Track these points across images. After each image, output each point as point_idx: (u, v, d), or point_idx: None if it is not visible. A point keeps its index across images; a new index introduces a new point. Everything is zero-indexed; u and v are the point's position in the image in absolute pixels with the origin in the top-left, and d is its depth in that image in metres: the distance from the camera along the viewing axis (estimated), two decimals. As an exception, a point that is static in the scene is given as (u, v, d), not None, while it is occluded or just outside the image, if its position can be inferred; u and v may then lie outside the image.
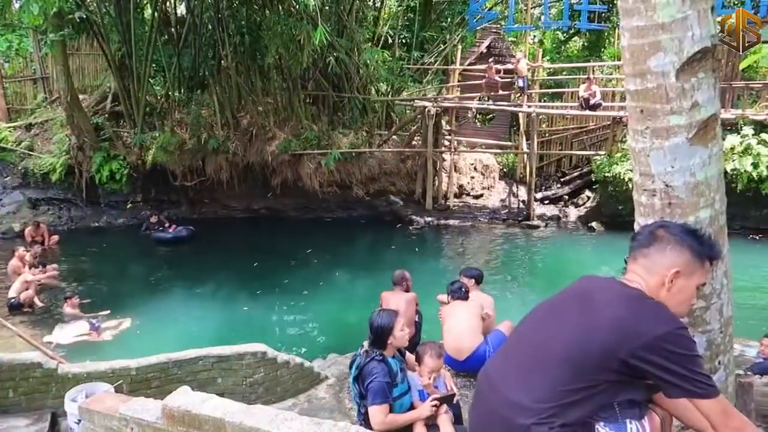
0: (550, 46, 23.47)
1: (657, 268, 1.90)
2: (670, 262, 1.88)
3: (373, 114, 17.54)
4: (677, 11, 1.90)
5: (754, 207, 13.63)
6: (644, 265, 1.93)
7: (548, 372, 1.83)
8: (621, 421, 1.85)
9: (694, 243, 1.88)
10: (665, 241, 1.90)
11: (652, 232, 1.94)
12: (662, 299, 1.89)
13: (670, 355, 1.73)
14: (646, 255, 1.93)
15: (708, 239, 1.92)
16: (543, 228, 15.61)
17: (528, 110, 15.82)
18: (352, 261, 12.82)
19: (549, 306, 2.08)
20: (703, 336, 2.21)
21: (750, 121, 13.19)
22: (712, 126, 2.04)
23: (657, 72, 1.98)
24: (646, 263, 1.92)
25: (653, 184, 2.12)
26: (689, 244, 1.88)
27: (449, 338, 5.36)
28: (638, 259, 1.95)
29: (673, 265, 1.88)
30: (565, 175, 17.86)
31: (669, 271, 1.87)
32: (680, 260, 1.88)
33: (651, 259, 1.91)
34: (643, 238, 1.96)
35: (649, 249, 1.93)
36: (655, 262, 1.90)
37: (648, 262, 1.92)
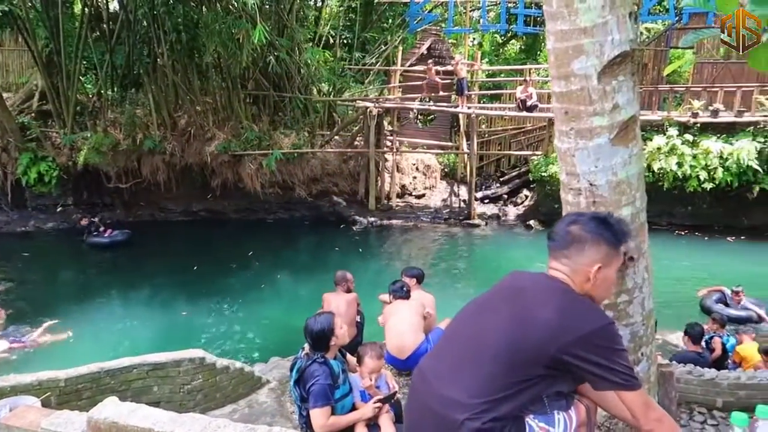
0: (489, 49, 23.98)
1: (580, 267, 1.95)
2: (591, 259, 1.94)
3: (315, 114, 17.44)
4: (598, 16, 1.97)
5: (679, 204, 14.36)
6: (567, 264, 1.98)
7: (480, 367, 1.85)
8: (550, 413, 1.90)
9: (609, 234, 1.95)
10: (582, 240, 1.96)
11: (568, 231, 1.99)
12: (588, 291, 1.96)
13: (599, 351, 1.79)
14: (566, 255, 1.98)
15: (617, 225, 1.99)
16: (483, 227, 15.93)
17: (468, 111, 16.11)
18: (294, 263, 12.70)
19: (481, 302, 2.10)
20: (627, 329, 2.30)
21: (675, 122, 13.89)
22: (632, 127, 2.12)
23: (580, 74, 2.04)
24: (569, 263, 1.98)
25: (578, 183, 2.19)
26: (604, 237, 1.95)
27: (391, 337, 5.38)
28: (560, 259, 2.00)
29: (594, 261, 1.94)
30: (504, 174, 18.31)
31: (592, 267, 1.94)
32: (600, 255, 1.94)
33: (572, 259, 1.97)
34: (560, 238, 2.01)
35: (569, 250, 1.98)
36: (577, 261, 1.96)
37: (570, 262, 1.97)
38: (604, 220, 2.00)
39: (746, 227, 14.10)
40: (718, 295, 9.38)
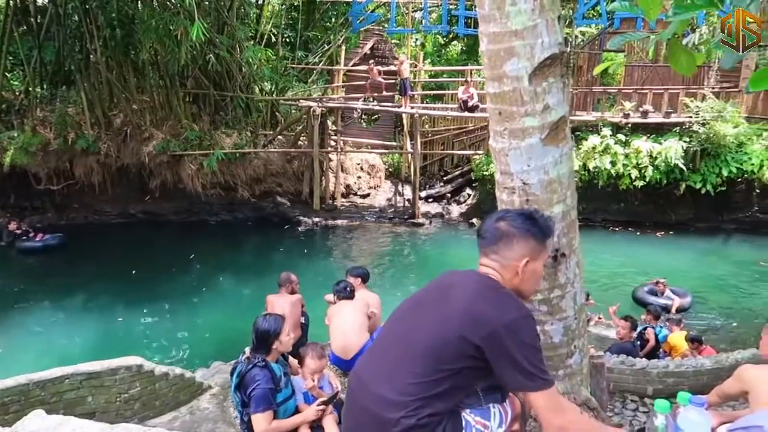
0: (432, 50, 24.26)
1: (509, 262, 2.00)
2: (520, 254, 1.99)
3: (257, 114, 17.17)
4: (528, 19, 2.02)
5: (613, 201, 14.95)
6: (496, 260, 2.02)
7: (413, 365, 1.86)
8: (485, 407, 1.93)
9: (535, 230, 2.01)
10: (510, 235, 2.00)
11: (496, 227, 2.04)
12: (517, 286, 2.01)
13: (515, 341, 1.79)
14: (495, 251, 2.02)
15: (543, 220, 2.05)
16: (428, 225, 16.11)
17: (411, 111, 16.24)
18: (237, 265, 12.47)
19: (413, 301, 2.13)
20: (560, 323, 2.38)
21: (608, 123, 14.45)
22: (563, 127, 2.19)
23: (512, 76, 2.09)
24: (498, 258, 2.02)
25: (512, 181, 2.25)
26: (531, 232, 2.00)
27: (336, 338, 5.37)
28: (489, 255, 2.04)
29: (523, 256, 1.99)
30: (448, 174, 18.55)
31: (520, 262, 1.98)
32: (527, 250, 1.99)
33: (501, 254, 2.01)
34: (490, 235, 2.05)
35: (497, 245, 2.02)
36: (506, 256, 2.00)
37: (499, 257, 2.01)
38: (530, 215, 2.05)
39: (674, 222, 14.82)
40: (649, 287, 9.82)
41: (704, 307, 10.20)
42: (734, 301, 10.76)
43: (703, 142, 13.78)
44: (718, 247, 14.07)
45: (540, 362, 1.83)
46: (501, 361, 1.81)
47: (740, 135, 13.84)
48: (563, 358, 2.44)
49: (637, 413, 4.80)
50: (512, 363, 1.79)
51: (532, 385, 1.80)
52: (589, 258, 12.45)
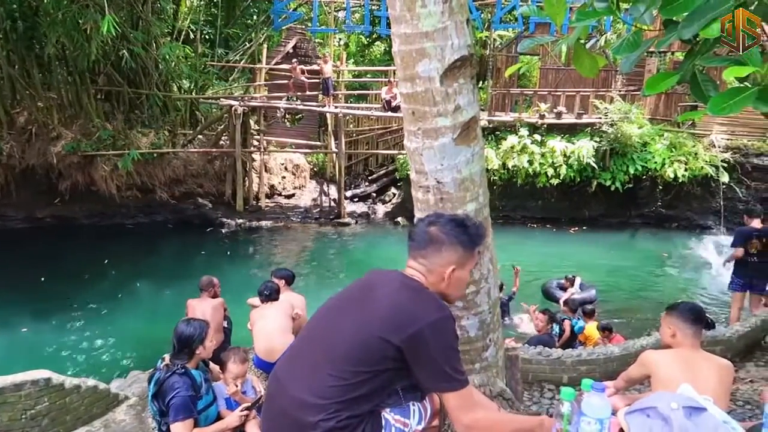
0: (355, 50, 24.30)
1: (435, 267, 2.00)
2: (447, 261, 2.00)
3: (175, 112, 16.58)
4: (438, 21, 2.07)
5: (531, 199, 15.55)
6: (423, 264, 2.02)
7: (333, 366, 1.85)
8: (405, 405, 1.95)
9: (465, 238, 2.02)
10: (440, 241, 2.01)
11: (427, 232, 2.04)
12: (442, 290, 2.01)
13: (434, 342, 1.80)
14: (424, 256, 2.02)
15: (475, 229, 2.07)
16: (354, 225, 16.14)
17: (334, 111, 16.21)
18: (156, 269, 11.99)
19: (334, 302, 2.11)
20: (476, 317, 2.45)
21: (525, 123, 15.02)
22: (473, 127, 2.26)
23: (424, 77, 2.13)
24: (425, 263, 2.02)
25: (427, 180, 2.29)
26: (461, 240, 2.01)
27: (260, 340, 5.28)
28: (417, 259, 2.04)
29: (450, 263, 1.99)
30: (373, 173, 18.64)
31: (447, 269, 1.99)
32: (455, 257, 2.00)
33: (429, 259, 2.01)
34: (420, 239, 2.05)
35: (426, 250, 2.02)
36: (433, 262, 2.00)
37: (427, 262, 2.02)
38: (462, 222, 2.06)
39: (587, 218, 15.60)
40: (558, 282, 10.23)
41: (614, 297, 10.79)
42: (641, 290, 11.47)
43: (611, 141, 14.59)
44: (626, 240, 14.95)
45: (458, 363, 1.86)
46: (420, 361, 1.82)
47: (644, 135, 14.77)
48: (479, 351, 2.51)
49: (553, 401, 5.01)
50: (431, 364, 1.81)
51: (447, 386, 1.83)
52: (510, 254, 12.89)
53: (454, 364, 1.84)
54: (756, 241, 6.85)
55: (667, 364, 3.00)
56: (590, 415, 1.68)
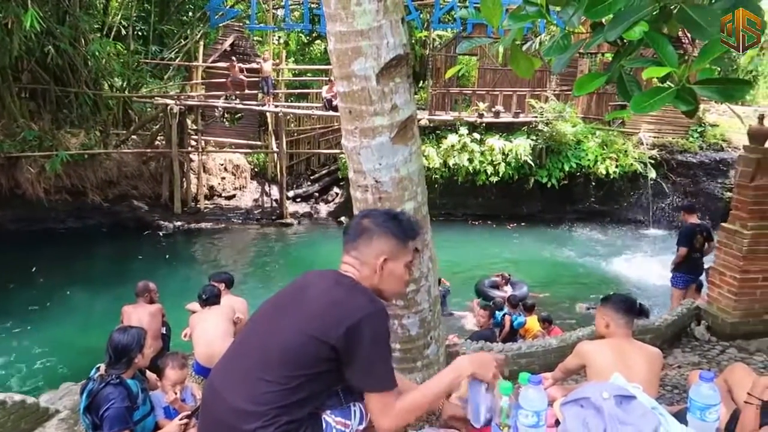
0: (295, 48, 24.03)
1: (367, 259, 1.98)
2: (378, 251, 1.98)
3: (107, 111, 15.93)
4: (373, 20, 2.06)
5: (472, 196, 15.83)
6: (356, 257, 2.00)
7: (269, 371, 1.81)
8: (345, 406, 1.93)
9: (396, 229, 2.01)
10: (370, 231, 2.00)
11: (359, 224, 2.04)
12: (376, 285, 1.99)
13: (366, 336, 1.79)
14: (356, 248, 2.01)
15: (407, 222, 2.07)
16: (296, 225, 15.98)
17: (275, 110, 16.00)
18: (89, 275, 11.49)
19: (269, 305, 2.07)
20: (417, 316, 2.46)
21: (465, 122, 15.27)
22: (410, 126, 2.27)
23: (360, 75, 2.13)
24: (358, 255, 2.00)
25: (365, 180, 2.29)
26: (392, 231, 2.00)
27: (200, 346, 5.16)
28: (350, 252, 2.02)
29: (381, 253, 1.98)
30: (315, 173, 18.51)
31: (378, 259, 1.97)
32: (386, 247, 1.98)
33: (360, 251, 2.00)
34: (352, 231, 2.04)
35: (357, 242, 2.01)
36: (364, 253, 1.99)
37: (358, 254, 2.00)
38: (395, 215, 2.06)
39: (525, 215, 16.03)
40: (492, 280, 10.45)
41: (551, 291, 11.14)
42: (577, 283, 11.88)
43: (547, 140, 15.05)
44: (562, 235, 15.46)
45: (387, 362, 1.85)
46: (352, 357, 1.80)
47: (578, 133, 15.31)
48: (421, 349, 2.53)
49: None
50: (363, 360, 1.80)
51: (375, 386, 1.82)
52: (451, 251, 13.11)
53: (385, 364, 1.83)
54: (700, 237, 7.19)
55: (601, 354, 3.10)
56: (527, 408, 1.72)
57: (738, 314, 5.88)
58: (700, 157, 15.84)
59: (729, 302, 5.92)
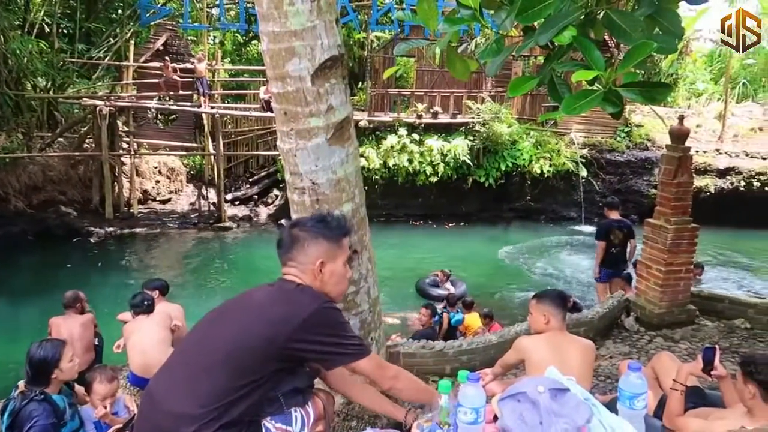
0: (231, 48, 23.56)
1: (305, 266, 2.01)
2: (314, 256, 2.01)
3: (30, 113, 15.13)
4: (307, 20, 2.04)
5: (412, 196, 15.98)
6: (295, 266, 2.03)
7: (211, 376, 1.81)
8: (287, 412, 1.92)
9: (325, 230, 2.05)
10: (302, 239, 2.03)
11: (290, 234, 2.06)
12: (320, 288, 2.02)
13: (321, 330, 1.87)
14: (292, 258, 2.03)
15: (335, 221, 2.11)
16: (235, 229, 15.66)
17: (211, 111, 15.64)
18: (13, 286, 10.86)
19: (211, 314, 2.07)
20: (357, 317, 2.46)
21: (404, 123, 15.40)
22: (347, 128, 2.26)
23: (295, 76, 2.10)
24: (296, 265, 2.03)
25: (302, 182, 2.26)
26: (322, 233, 2.04)
27: (134, 356, 4.97)
28: (288, 263, 2.05)
29: (317, 257, 2.01)
30: (254, 175, 18.20)
31: (315, 264, 2.01)
32: (321, 251, 2.02)
33: (297, 260, 2.02)
34: (285, 242, 2.06)
35: (292, 252, 2.03)
36: (302, 261, 2.02)
37: (297, 263, 2.03)
38: (322, 218, 2.10)
39: (464, 214, 16.33)
40: (431, 278, 10.59)
41: (489, 287, 11.40)
42: (515, 278, 12.20)
43: (484, 140, 15.39)
44: (500, 233, 15.85)
45: (352, 336, 1.97)
46: (314, 349, 1.87)
47: (513, 134, 15.74)
48: (362, 351, 2.53)
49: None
50: (326, 347, 1.88)
51: (356, 354, 1.93)
52: (394, 252, 13.19)
53: (349, 338, 1.94)
54: (618, 232, 7.50)
55: (538, 348, 3.19)
56: (466, 405, 1.74)
57: (664, 305, 6.19)
58: (627, 156, 16.60)
59: (655, 294, 6.23)
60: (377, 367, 2.01)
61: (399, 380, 2.06)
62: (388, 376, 2.03)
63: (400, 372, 2.10)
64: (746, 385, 2.74)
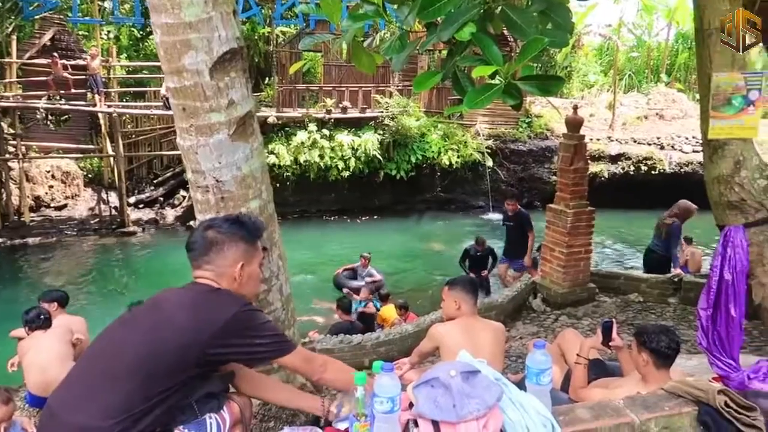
0: (128, 43, 22.31)
1: (223, 270, 1.96)
2: (233, 259, 1.97)
3: None
4: (202, 11, 1.96)
5: (325, 192, 15.92)
6: (210, 269, 1.97)
7: (120, 386, 1.72)
8: (201, 418, 1.86)
9: (243, 232, 2.01)
10: (220, 242, 1.97)
11: (204, 237, 1.99)
12: (237, 290, 1.98)
13: (244, 331, 1.84)
14: (208, 261, 1.97)
15: (251, 222, 2.07)
16: (141, 233, 14.94)
17: (108, 110, 14.81)
18: None
19: (118, 322, 1.98)
20: (269, 316, 2.41)
21: (313, 118, 15.30)
22: (250, 123, 2.20)
23: (192, 70, 2.02)
24: (212, 268, 1.97)
25: (205, 180, 2.19)
26: (240, 235, 1.99)
27: (32, 374, 4.63)
28: (203, 267, 1.98)
29: (236, 261, 1.97)
30: (158, 176, 17.40)
31: (235, 267, 1.96)
32: (240, 254, 1.98)
33: (215, 263, 1.97)
34: (199, 246, 1.99)
35: (209, 255, 1.97)
36: (220, 265, 1.96)
37: (213, 266, 1.97)
38: (237, 219, 2.06)
39: (377, 207, 16.49)
40: (349, 272, 10.60)
41: (404, 278, 11.59)
42: (429, 267, 12.48)
43: (394, 134, 15.59)
44: (413, 224, 16.15)
45: (274, 333, 1.96)
46: (238, 351, 1.86)
47: (422, 127, 16.05)
48: (276, 349, 2.49)
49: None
50: (250, 347, 1.87)
51: (281, 350, 1.94)
52: (310, 248, 13.09)
53: (272, 336, 1.93)
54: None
55: (452, 334, 3.28)
56: (382, 395, 1.75)
57: (567, 285, 6.56)
58: (529, 146, 17.41)
59: (559, 275, 6.59)
60: (304, 360, 2.01)
61: (328, 371, 2.07)
62: (316, 368, 2.03)
63: (328, 362, 2.10)
64: (640, 354, 2.95)
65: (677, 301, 6.50)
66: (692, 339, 4.71)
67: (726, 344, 3.17)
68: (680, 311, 6.24)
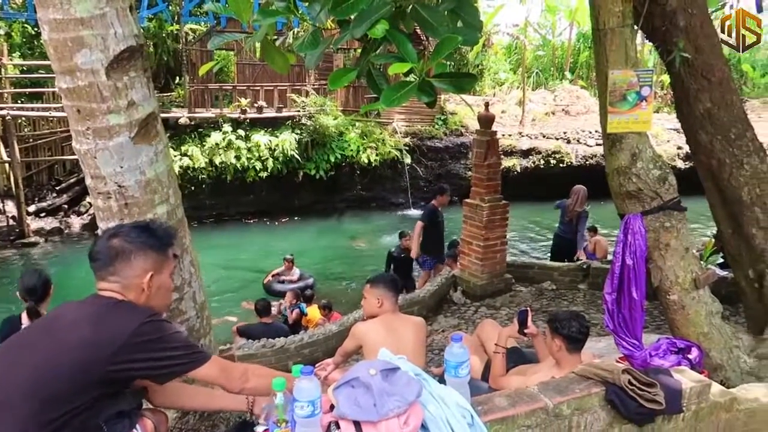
0: (21, 41, 20.78)
1: (130, 281, 1.85)
2: (141, 270, 1.86)
3: None
4: (94, 7, 1.84)
5: (243, 194, 15.54)
6: (116, 281, 1.85)
7: (15, 410, 1.59)
8: (114, 440, 1.76)
9: (153, 241, 1.90)
10: (127, 252, 1.86)
11: (110, 246, 1.87)
12: (146, 302, 1.87)
13: (149, 345, 1.72)
14: (113, 273, 1.85)
15: (161, 230, 1.97)
16: (43, 244, 13.98)
17: (0, 113, 13.72)
18: None
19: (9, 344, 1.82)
20: (183, 325, 2.31)
21: (228, 119, 14.89)
22: (153, 124, 2.09)
23: (86, 69, 1.89)
24: (118, 279, 1.85)
25: (106, 186, 2.06)
26: (149, 244, 1.89)
27: None
28: (107, 278, 1.86)
29: (146, 271, 1.86)
30: (61, 182, 16.33)
31: (144, 278, 1.86)
32: (149, 263, 1.88)
33: (120, 274, 1.85)
34: (104, 255, 1.87)
35: (114, 266, 1.85)
36: (126, 276, 1.85)
37: (119, 278, 1.85)
38: (146, 227, 1.95)
39: (298, 207, 16.30)
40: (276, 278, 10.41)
41: (326, 278, 11.54)
42: (351, 267, 12.48)
43: (311, 133, 15.45)
44: (334, 223, 16.10)
45: (185, 345, 1.84)
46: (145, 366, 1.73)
47: (339, 126, 16.01)
48: (192, 359, 2.39)
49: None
50: (158, 362, 1.74)
51: (193, 363, 1.80)
52: (229, 252, 12.76)
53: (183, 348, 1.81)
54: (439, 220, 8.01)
55: (374, 332, 3.29)
56: (302, 399, 1.73)
57: (485, 277, 6.77)
58: (445, 142, 17.80)
59: (477, 267, 6.78)
60: (221, 370, 1.88)
61: (249, 380, 1.93)
62: (235, 378, 1.90)
63: (248, 370, 1.96)
64: (553, 339, 3.09)
65: (587, 286, 6.87)
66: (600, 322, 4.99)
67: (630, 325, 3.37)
68: (590, 296, 6.60)
